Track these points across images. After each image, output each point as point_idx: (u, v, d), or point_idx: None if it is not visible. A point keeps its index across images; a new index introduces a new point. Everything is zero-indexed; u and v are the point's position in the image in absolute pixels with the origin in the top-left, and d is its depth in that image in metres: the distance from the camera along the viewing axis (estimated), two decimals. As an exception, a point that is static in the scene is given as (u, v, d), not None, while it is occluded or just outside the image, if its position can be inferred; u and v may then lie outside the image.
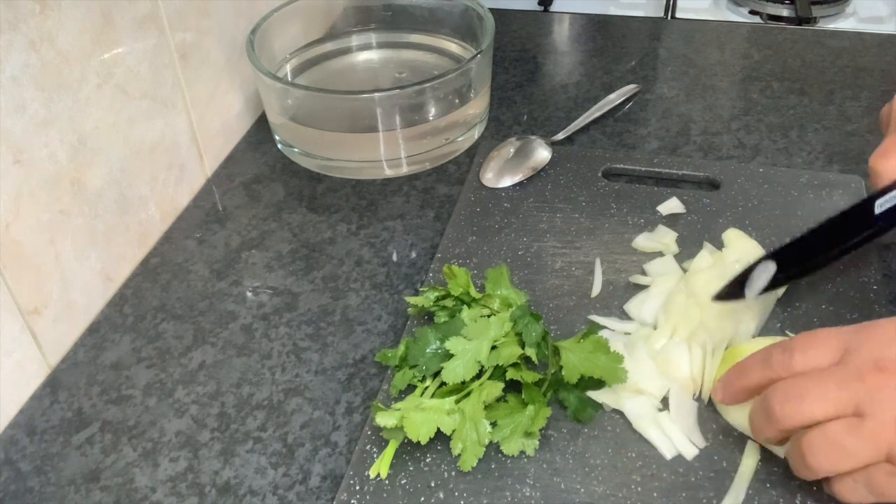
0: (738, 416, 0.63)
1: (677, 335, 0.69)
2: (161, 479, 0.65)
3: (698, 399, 0.66)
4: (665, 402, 0.65)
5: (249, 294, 0.81)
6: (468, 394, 0.63)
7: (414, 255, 0.84)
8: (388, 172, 0.95)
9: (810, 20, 1.25)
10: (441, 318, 0.70)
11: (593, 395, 0.65)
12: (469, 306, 0.70)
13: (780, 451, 0.61)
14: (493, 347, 0.65)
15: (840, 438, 0.53)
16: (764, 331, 0.71)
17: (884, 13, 1.30)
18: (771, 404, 0.56)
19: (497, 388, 0.63)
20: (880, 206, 0.64)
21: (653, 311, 0.73)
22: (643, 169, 0.90)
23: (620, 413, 0.65)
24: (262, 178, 0.96)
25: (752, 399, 0.60)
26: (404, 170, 0.95)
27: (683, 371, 0.66)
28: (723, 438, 0.63)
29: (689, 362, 0.67)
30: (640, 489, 0.60)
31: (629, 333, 0.71)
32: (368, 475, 0.61)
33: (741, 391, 0.61)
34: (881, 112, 0.75)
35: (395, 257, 0.84)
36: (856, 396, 0.53)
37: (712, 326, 0.69)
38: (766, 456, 0.62)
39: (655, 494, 0.60)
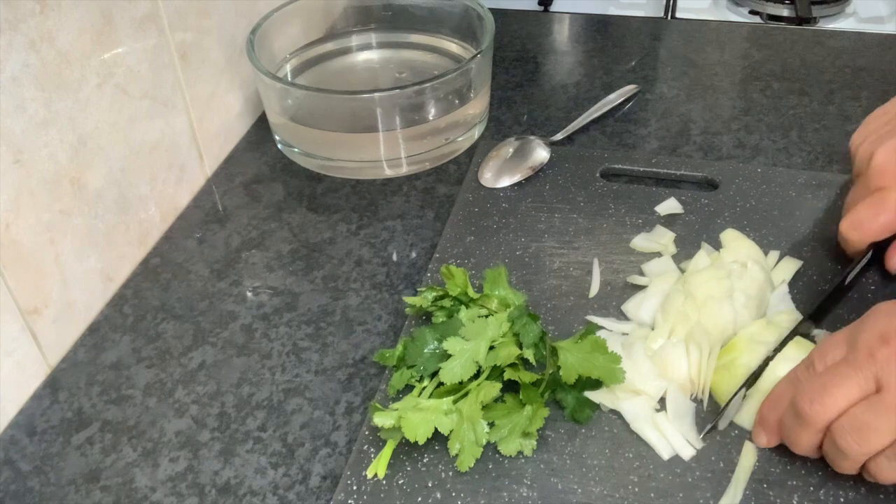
0: None
1: (675, 335, 0.69)
2: (161, 479, 0.65)
3: (696, 400, 0.66)
4: (662, 403, 0.65)
5: (249, 294, 0.81)
6: (466, 394, 0.63)
7: (414, 255, 0.84)
8: (388, 172, 0.95)
9: (810, 20, 1.25)
10: (439, 318, 0.71)
11: (590, 395, 0.65)
12: (467, 306, 0.70)
13: None
14: (491, 348, 0.65)
15: (863, 416, 0.55)
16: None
17: (884, 13, 1.30)
18: (800, 408, 0.57)
19: (495, 388, 0.64)
20: (849, 278, 0.73)
21: (650, 312, 0.73)
22: (641, 169, 0.90)
23: (618, 413, 0.65)
24: (262, 178, 0.96)
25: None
26: (404, 170, 0.95)
27: (681, 371, 0.66)
28: (720, 439, 0.63)
29: (686, 363, 0.67)
30: (637, 490, 0.60)
31: (626, 334, 0.71)
32: (366, 475, 0.61)
33: (779, 422, 0.61)
34: (852, 142, 0.78)
35: (395, 257, 0.84)
36: (871, 373, 0.55)
37: (709, 327, 0.69)
38: (764, 456, 0.62)
39: (652, 495, 0.60)
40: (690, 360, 0.67)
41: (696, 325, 0.69)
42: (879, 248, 0.74)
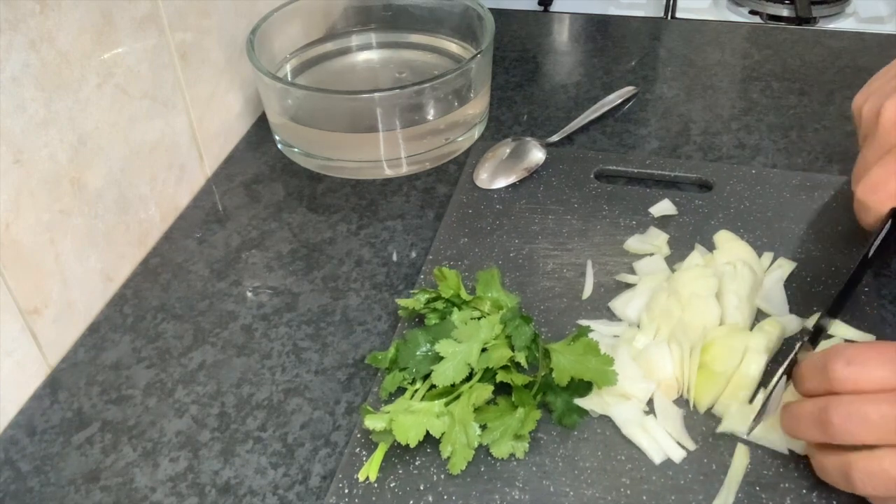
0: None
1: (659, 334, 0.69)
2: (161, 479, 0.65)
3: (683, 399, 0.66)
4: (651, 405, 0.66)
5: (249, 294, 0.81)
6: (458, 396, 0.63)
7: (414, 255, 0.84)
8: (388, 172, 0.96)
9: (810, 20, 1.25)
10: (431, 320, 0.71)
11: (580, 402, 0.65)
12: (459, 308, 0.71)
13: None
14: (484, 350, 0.65)
15: (892, 470, 0.52)
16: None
17: (884, 13, 1.30)
18: (830, 417, 0.54)
19: (487, 390, 0.64)
20: (872, 250, 0.67)
21: (637, 310, 0.73)
22: (635, 171, 0.90)
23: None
24: (262, 178, 0.96)
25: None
26: (404, 170, 0.96)
27: (666, 371, 0.67)
28: (712, 441, 0.63)
29: (670, 362, 0.67)
30: (629, 492, 0.60)
31: (617, 336, 0.71)
32: (357, 478, 0.62)
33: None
34: (854, 103, 0.74)
35: (395, 257, 0.84)
36: None
37: (693, 325, 0.69)
38: (756, 459, 0.62)
39: (644, 498, 0.60)
40: (673, 358, 0.67)
41: (678, 322, 0.69)
42: None
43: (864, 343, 0.58)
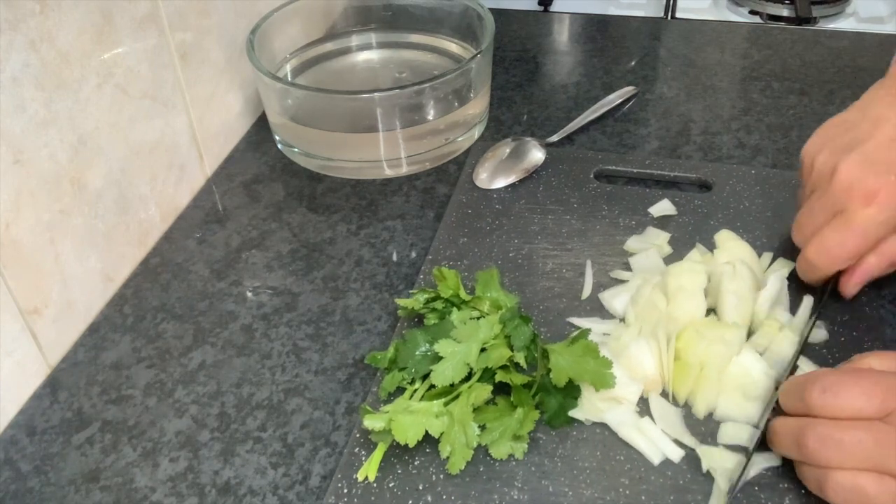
0: None
1: (644, 330, 0.69)
2: (161, 479, 0.65)
3: (672, 396, 0.66)
4: (643, 404, 0.66)
5: (249, 294, 0.81)
6: (457, 396, 0.63)
7: (414, 255, 0.84)
8: (388, 172, 0.96)
9: (810, 20, 1.25)
10: (431, 320, 0.71)
11: (574, 413, 0.65)
12: (459, 308, 0.71)
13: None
14: (483, 350, 0.65)
15: (869, 490, 0.53)
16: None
17: (884, 13, 1.30)
18: (806, 440, 0.55)
19: (486, 390, 0.64)
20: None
21: (624, 303, 0.73)
22: (635, 171, 0.90)
23: (607, 415, 0.66)
24: (262, 178, 0.96)
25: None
26: (404, 170, 0.96)
27: (649, 368, 0.66)
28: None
29: (650, 357, 0.67)
30: (628, 492, 0.60)
31: (608, 334, 0.71)
32: (356, 478, 0.62)
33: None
34: (805, 150, 0.73)
35: (395, 257, 0.84)
36: (892, 458, 0.53)
37: (677, 318, 0.69)
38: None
39: (643, 498, 0.60)
40: (652, 352, 0.67)
41: (662, 315, 0.69)
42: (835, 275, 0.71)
43: (844, 371, 0.58)
